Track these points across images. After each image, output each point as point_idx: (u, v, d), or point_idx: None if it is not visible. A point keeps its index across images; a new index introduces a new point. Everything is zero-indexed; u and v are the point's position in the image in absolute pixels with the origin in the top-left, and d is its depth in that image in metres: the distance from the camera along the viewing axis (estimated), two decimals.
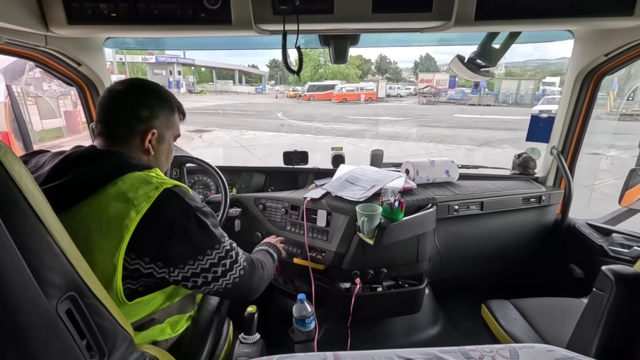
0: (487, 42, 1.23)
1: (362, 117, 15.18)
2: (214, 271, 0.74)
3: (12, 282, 0.41)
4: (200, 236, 0.71)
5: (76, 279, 0.51)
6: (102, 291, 0.57)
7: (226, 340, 1.03)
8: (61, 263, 0.49)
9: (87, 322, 0.52)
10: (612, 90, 7.27)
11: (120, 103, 0.78)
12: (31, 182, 0.47)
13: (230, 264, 0.77)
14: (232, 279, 0.77)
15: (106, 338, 0.55)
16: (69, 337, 0.48)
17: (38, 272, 0.45)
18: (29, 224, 0.45)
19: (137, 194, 0.66)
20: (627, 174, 1.34)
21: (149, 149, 0.79)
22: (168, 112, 0.83)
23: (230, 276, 0.77)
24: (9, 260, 0.41)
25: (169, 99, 0.84)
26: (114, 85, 0.81)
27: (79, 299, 0.51)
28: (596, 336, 0.82)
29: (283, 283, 1.60)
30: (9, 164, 0.43)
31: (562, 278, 1.65)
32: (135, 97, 0.79)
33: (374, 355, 0.71)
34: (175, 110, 0.86)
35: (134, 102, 0.79)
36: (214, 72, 36.31)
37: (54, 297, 0.47)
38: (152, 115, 0.79)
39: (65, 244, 0.50)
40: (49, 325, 0.45)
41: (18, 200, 0.44)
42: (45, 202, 0.49)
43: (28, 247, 0.44)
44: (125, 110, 0.78)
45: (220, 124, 12.38)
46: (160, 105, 0.81)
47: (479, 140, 9.50)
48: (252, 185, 1.74)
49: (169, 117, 0.84)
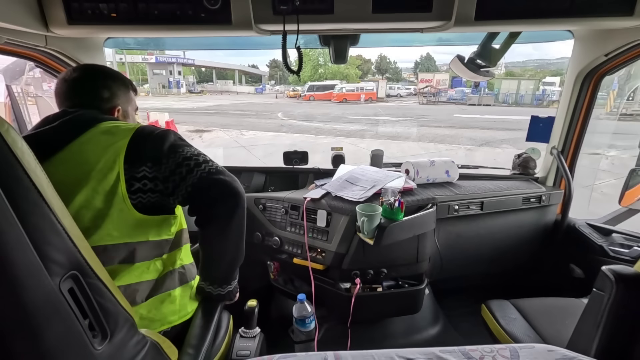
0: (487, 42, 1.23)
1: (362, 117, 15.16)
2: (187, 164, 0.80)
3: (15, 258, 0.41)
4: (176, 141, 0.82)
5: (78, 257, 0.51)
6: (104, 272, 0.57)
7: (226, 334, 1.03)
8: (64, 241, 0.49)
9: (89, 301, 0.52)
10: (612, 90, 7.27)
11: (81, 89, 0.86)
12: (33, 159, 0.47)
13: (203, 161, 0.83)
14: (206, 169, 0.81)
15: (108, 319, 0.55)
16: (72, 315, 0.48)
17: (41, 249, 0.45)
18: (31, 200, 0.45)
19: (119, 129, 0.78)
20: (627, 174, 1.34)
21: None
22: (125, 90, 0.93)
23: (205, 166, 0.82)
24: (12, 235, 0.41)
25: (121, 78, 0.93)
26: (67, 75, 0.87)
27: (81, 278, 0.51)
28: (596, 336, 0.82)
29: (283, 283, 1.60)
30: (11, 140, 0.43)
31: (562, 278, 1.65)
32: (94, 81, 0.88)
33: (374, 355, 0.71)
34: (129, 87, 0.96)
35: (94, 86, 0.87)
36: (214, 72, 36.35)
37: (57, 275, 0.46)
38: (112, 95, 0.89)
39: (68, 223, 0.50)
40: (52, 303, 0.45)
41: (21, 177, 0.44)
42: (47, 181, 0.49)
43: (31, 223, 0.44)
44: (89, 95, 0.86)
45: (221, 124, 12.37)
46: (116, 85, 0.91)
47: (479, 140, 9.50)
48: (252, 186, 1.74)
49: (127, 94, 0.94)
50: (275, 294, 1.79)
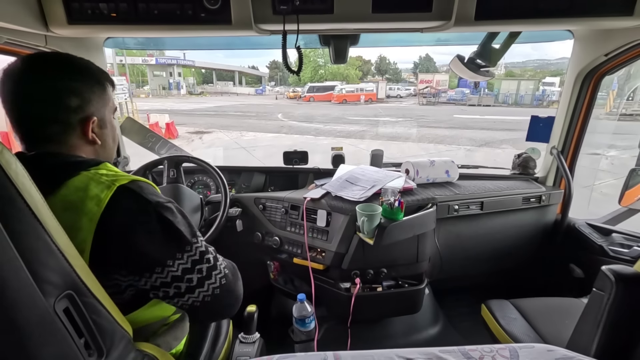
0: (487, 42, 1.23)
1: (362, 117, 15.15)
2: (188, 279, 0.62)
3: (9, 280, 0.41)
4: (166, 237, 0.61)
5: (74, 277, 0.51)
6: (100, 290, 0.56)
7: (226, 340, 1.03)
8: (59, 261, 0.49)
9: (85, 320, 0.52)
10: (612, 91, 7.27)
11: (37, 95, 0.61)
12: (28, 180, 0.47)
13: (208, 270, 0.65)
14: (210, 290, 0.65)
15: (104, 336, 0.55)
16: (67, 335, 0.48)
17: (35, 270, 0.45)
18: (25, 222, 0.45)
19: (85, 199, 0.56)
20: (627, 174, 1.34)
21: (94, 139, 0.67)
22: (99, 90, 0.67)
23: (209, 286, 0.65)
24: (6, 258, 0.41)
25: (92, 73, 0.67)
26: (14, 71, 0.61)
27: (76, 297, 0.50)
28: (596, 336, 0.82)
29: (283, 283, 1.60)
30: (5, 162, 0.43)
31: (562, 278, 1.65)
32: (55, 82, 0.62)
33: (374, 355, 0.70)
34: (105, 83, 0.69)
35: (55, 90, 0.61)
36: (214, 73, 36.35)
37: (51, 296, 0.46)
38: (83, 101, 0.64)
39: (63, 242, 0.50)
40: (46, 324, 0.45)
41: (15, 199, 0.44)
42: (42, 201, 0.48)
43: (25, 245, 0.44)
44: (48, 104, 0.61)
45: (221, 125, 12.36)
46: (87, 85, 0.65)
47: (478, 141, 9.50)
48: (252, 185, 1.74)
49: (102, 95, 0.68)
50: (275, 293, 1.79)
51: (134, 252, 0.58)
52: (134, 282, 0.61)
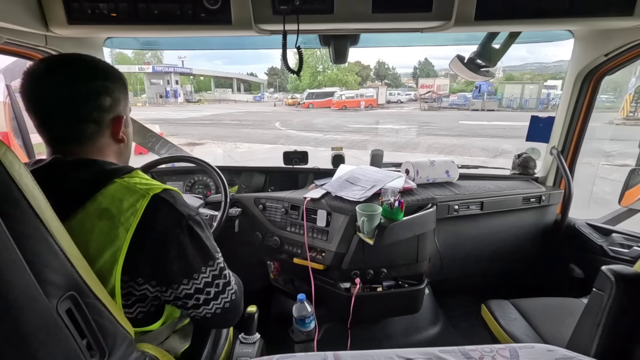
0: (487, 42, 1.23)
1: (363, 125, 14.59)
2: (207, 292, 0.66)
3: (12, 281, 0.41)
4: (195, 251, 0.64)
5: (76, 278, 0.51)
6: (102, 291, 0.57)
7: (226, 340, 1.03)
8: (61, 263, 0.49)
9: (87, 321, 0.52)
10: (628, 94, 6.97)
11: (72, 96, 0.62)
12: (31, 181, 0.47)
13: (224, 285, 0.70)
14: (222, 303, 0.70)
15: (106, 337, 0.55)
16: (70, 336, 0.48)
17: (38, 271, 0.45)
18: (29, 223, 0.45)
19: (122, 208, 0.58)
20: (627, 174, 1.34)
21: (122, 138, 0.70)
22: (125, 91, 0.70)
23: (222, 300, 0.70)
24: (9, 259, 0.41)
25: (118, 73, 0.70)
26: (41, 73, 0.61)
27: (79, 298, 0.51)
28: (596, 336, 0.82)
29: (283, 283, 1.60)
30: (8, 163, 0.43)
31: (562, 278, 1.65)
32: (89, 83, 0.64)
33: (374, 355, 0.70)
34: (126, 83, 0.72)
35: (89, 90, 0.63)
36: (212, 80, 36.25)
37: (54, 297, 0.46)
38: (114, 101, 0.66)
39: (66, 244, 0.50)
40: (49, 324, 0.45)
41: (18, 200, 0.44)
42: (46, 202, 0.49)
43: (28, 246, 0.44)
44: (83, 105, 0.62)
45: (215, 135, 11.80)
46: (116, 85, 0.67)
47: (492, 151, 8.83)
48: (252, 185, 1.74)
49: (126, 95, 0.71)
50: (275, 293, 1.78)
51: (166, 263, 0.61)
52: (160, 292, 0.64)
